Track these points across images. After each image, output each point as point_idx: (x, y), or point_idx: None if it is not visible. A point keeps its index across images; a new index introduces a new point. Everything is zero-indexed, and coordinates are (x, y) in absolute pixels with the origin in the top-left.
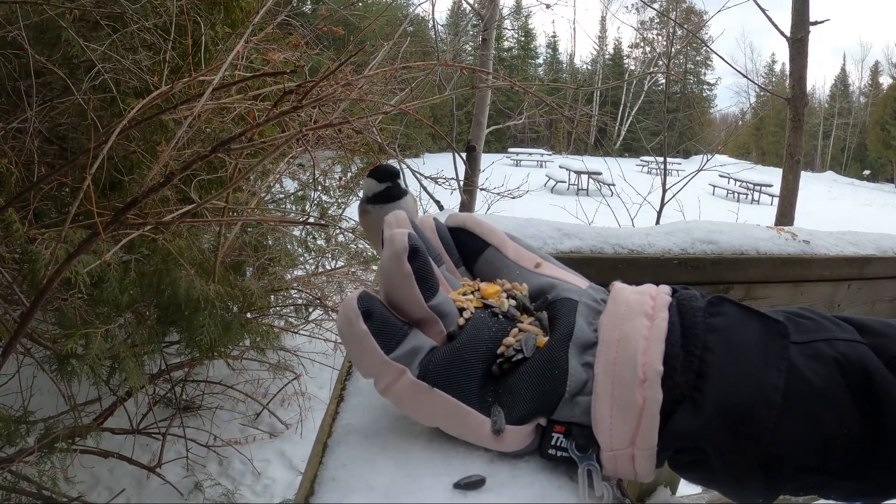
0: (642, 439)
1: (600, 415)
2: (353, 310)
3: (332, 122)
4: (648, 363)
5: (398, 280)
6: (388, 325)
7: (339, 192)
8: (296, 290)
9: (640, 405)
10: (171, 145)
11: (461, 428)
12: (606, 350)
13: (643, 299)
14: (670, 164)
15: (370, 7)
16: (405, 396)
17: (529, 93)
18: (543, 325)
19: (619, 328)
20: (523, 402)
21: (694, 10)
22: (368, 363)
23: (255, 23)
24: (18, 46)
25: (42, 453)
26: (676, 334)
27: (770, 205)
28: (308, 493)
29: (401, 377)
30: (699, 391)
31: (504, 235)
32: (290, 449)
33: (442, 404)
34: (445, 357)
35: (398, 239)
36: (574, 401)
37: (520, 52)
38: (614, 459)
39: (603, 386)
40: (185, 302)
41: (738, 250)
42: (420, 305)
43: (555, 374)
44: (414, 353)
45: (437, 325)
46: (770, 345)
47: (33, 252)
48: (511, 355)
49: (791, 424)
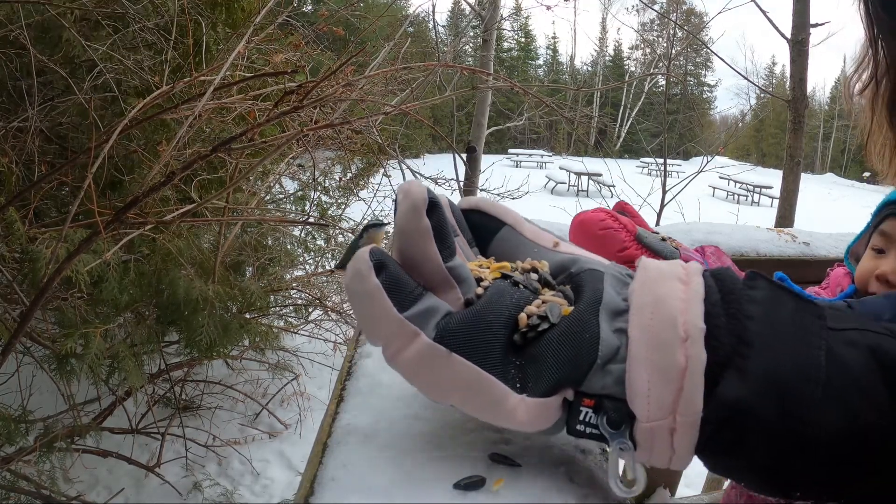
0: (685, 405)
1: (637, 381)
2: (364, 262)
3: (332, 123)
4: (689, 321)
5: (415, 234)
6: (401, 281)
7: (339, 192)
8: (295, 290)
9: (681, 366)
10: (172, 145)
11: (481, 400)
12: (640, 313)
13: (674, 267)
14: (670, 165)
15: (370, 8)
16: (418, 363)
17: (530, 94)
18: (567, 296)
19: (653, 291)
20: (550, 371)
21: (694, 12)
22: (379, 322)
23: (256, 23)
24: (20, 46)
25: (42, 452)
26: (716, 296)
27: (770, 206)
28: (308, 493)
29: (414, 340)
30: (744, 357)
31: (519, 215)
32: (290, 449)
33: (461, 372)
34: (466, 319)
35: (416, 191)
36: (606, 369)
37: (520, 54)
38: (651, 434)
39: (638, 348)
40: (184, 302)
41: (738, 251)
42: (437, 264)
43: (585, 338)
44: (429, 313)
45: (454, 290)
46: (808, 323)
47: (34, 251)
48: (536, 324)
49: (830, 407)
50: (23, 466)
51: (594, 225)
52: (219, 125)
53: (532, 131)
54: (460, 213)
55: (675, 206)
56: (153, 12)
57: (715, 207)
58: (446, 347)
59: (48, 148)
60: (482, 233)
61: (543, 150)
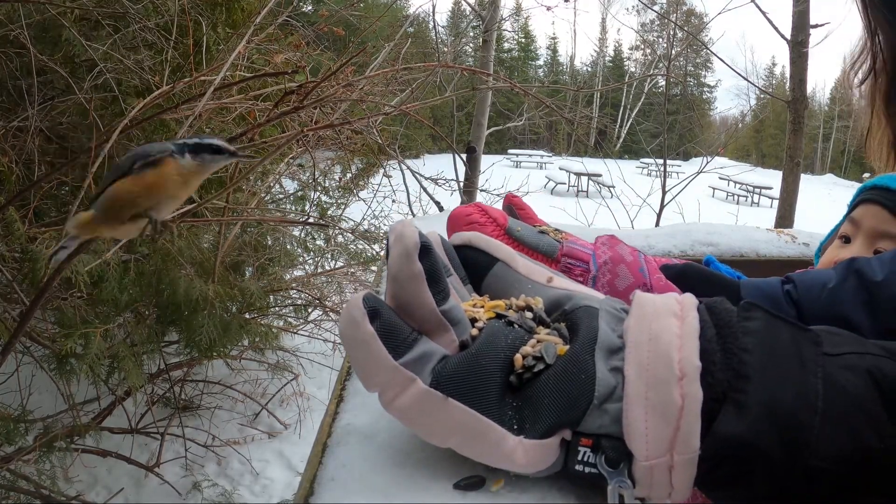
0: (682, 444)
1: (634, 420)
2: (358, 309)
3: (332, 123)
4: (685, 358)
5: (407, 280)
6: (396, 328)
7: (339, 192)
8: (295, 290)
9: (678, 405)
10: None
11: (479, 444)
12: (637, 351)
13: (669, 301)
14: (670, 166)
15: (371, 8)
16: (415, 409)
17: (529, 94)
18: (563, 334)
19: (648, 328)
20: (547, 413)
21: (694, 13)
22: (374, 369)
23: (256, 23)
24: (20, 45)
25: (41, 452)
26: (711, 331)
27: (770, 207)
28: (308, 493)
29: (410, 386)
30: (741, 392)
31: (512, 250)
32: (289, 449)
33: (458, 417)
34: (461, 363)
35: (409, 235)
36: (602, 408)
37: (520, 54)
38: (650, 472)
39: (635, 388)
40: (184, 302)
41: (738, 252)
42: (431, 309)
43: (581, 379)
44: (425, 359)
45: (448, 333)
46: (805, 350)
47: (34, 251)
48: (531, 364)
49: (831, 434)
50: (22, 466)
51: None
52: (219, 125)
53: (532, 132)
54: (452, 249)
55: (674, 206)
56: (153, 12)
57: (715, 208)
58: (442, 392)
59: (48, 147)
60: (475, 269)
61: (543, 150)
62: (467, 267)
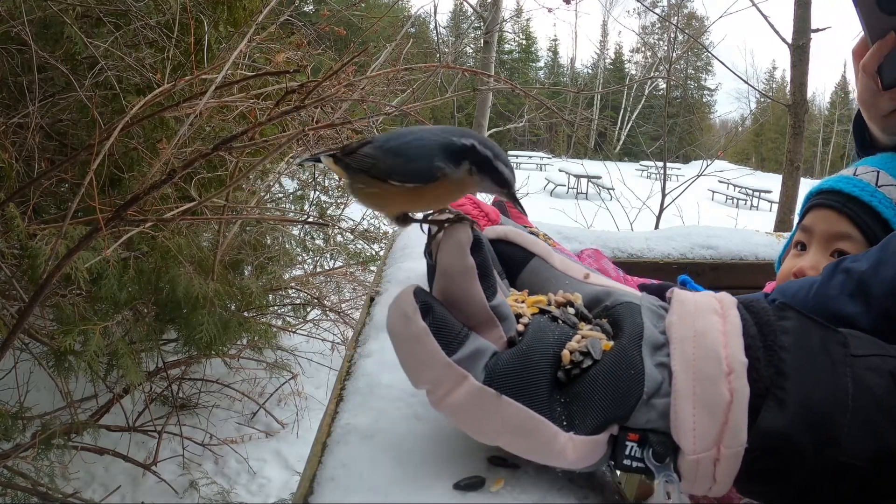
0: (730, 437)
1: (682, 415)
2: (409, 303)
3: (333, 122)
4: (731, 355)
5: (459, 275)
6: (448, 323)
7: (339, 192)
8: (294, 289)
9: (727, 400)
10: (173, 143)
11: (530, 441)
12: (682, 347)
13: (708, 299)
14: (670, 169)
15: (372, 8)
16: (467, 407)
17: (530, 96)
18: (605, 330)
19: (693, 325)
20: (598, 409)
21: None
22: (427, 367)
23: (258, 22)
24: (21, 42)
25: (39, 449)
26: (753, 329)
27: (769, 211)
28: (307, 493)
29: (462, 383)
30: (781, 389)
31: (548, 246)
32: (286, 448)
33: (511, 414)
34: (513, 360)
35: (461, 229)
36: (650, 404)
37: (521, 56)
38: (696, 465)
39: (683, 383)
40: (183, 300)
41: (737, 256)
42: (482, 304)
43: (630, 375)
44: (477, 355)
45: (497, 328)
46: (834, 351)
47: (33, 248)
48: (579, 360)
49: (859, 432)
50: (20, 463)
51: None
52: (219, 124)
53: (532, 133)
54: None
55: (674, 209)
56: (155, 10)
57: (714, 211)
58: (496, 390)
59: (48, 144)
60: (510, 264)
61: (543, 152)
62: (501, 261)
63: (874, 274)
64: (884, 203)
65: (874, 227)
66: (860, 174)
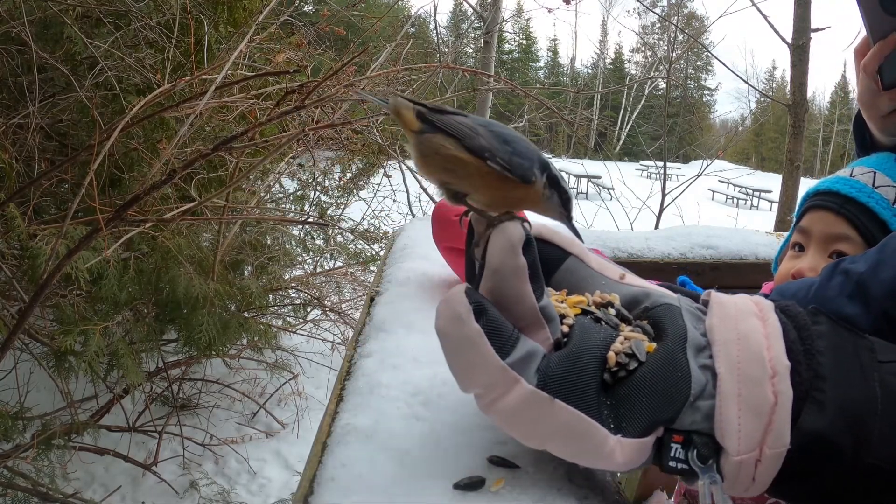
0: (774, 438)
1: (728, 416)
2: (462, 304)
3: (333, 122)
4: (775, 357)
5: (511, 274)
6: (501, 325)
7: (339, 192)
8: (294, 289)
9: (771, 402)
10: (173, 143)
11: (580, 445)
12: (726, 349)
13: (747, 302)
14: (670, 168)
15: (372, 8)
16: (519, 411)
17: (530, 96)
18: (647, 331)
19: (735, 328)
20: (645, 411)
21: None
22: (480, 370)
23: (258, 22)
24: (21, 42)
25: (39, 449)
26: (793, 333)
27: (769, 211)
28: (307, 493)
29: (514, 387)
30: (821, 391)
31: (583, 246)
32: (287, 449)
33: (563, 418)
34: (564, 363)
35: (513, 227)
36: (695, 405)
37: (521, 56)
38: (739, 467)
39: (728, 385)
40: (183, 300)
41: (737, 255)
42: (531, 305)
43: (678, 377)
44: (529, 358)
45: (543, 330)
46: (863, 356)
47: (33, 248)
48: (625, 362)
49: (888, 435)
50: (20, 463)
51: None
52: (220, 124)
53: (532, 133)
54: None
55: (674, 209)
56: (155, 10)
57: (714, 211)
58: (548, 393)
59: (48, 145)
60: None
61: (543, 151)
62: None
63: (873, 275)
64: (881, 204)
65: (872, 228)
66: (857, 175)
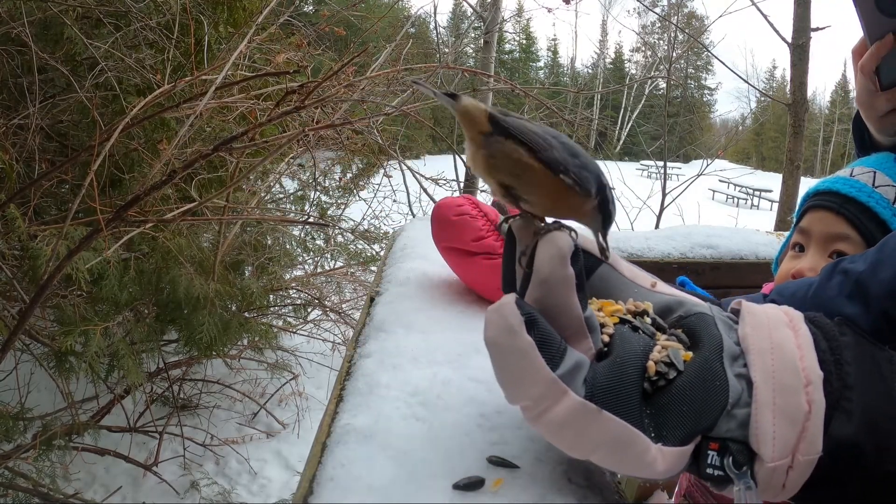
0: (807, 446)
1: (763, 424)
2: (515, 315)
3: (333, 123)
4: (808, 367)
5: (560, 284)
6: (551, 337)
7: (339, 192)
8: (295, 289)
9: (805, 410)
10: (173, 144)
11: (624, 454)
12: (761, 358)
13: (777, 312)
14: (670, 168)
15: (372, 9)
16: (567, 422)
17: (530, 96)
18: (682, 340)
19: (769, 337)
20: (686, 420)
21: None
22: (531, 382)
23: (258, 23)
24: (21, 43)
25: (40, 450)
26: (823, 343)
27: (770, 210)
28: (307, 493)
29: (562, 399)
30: (849, 400)
31: (615, 254)
32: (287, 449)
33: (610, 428)
34: (610, 373)
35: (562, 237)
36: (731, 414)
37: (521, 56)
38: (772, 473)
39: (764, 394)
40: (184, 300)
41: (738, 255)
42: (577, 315)
43: (716, 386)
44: (576, 370)
45: (586, 340)
46: (883, 367)
47: (34, 248)
48: (664, 371)
49: None
50: (20, 463)
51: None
52: (220, 124)
53: None
54: None
55: (674, 208)
56: (155, 11)
57: (714, 210)
58: (596, 405)
59: (49, 145)
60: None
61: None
62: None
63: (872, 275)
64: (881, 203)
65: (872, 227)
66: (857, 175)
